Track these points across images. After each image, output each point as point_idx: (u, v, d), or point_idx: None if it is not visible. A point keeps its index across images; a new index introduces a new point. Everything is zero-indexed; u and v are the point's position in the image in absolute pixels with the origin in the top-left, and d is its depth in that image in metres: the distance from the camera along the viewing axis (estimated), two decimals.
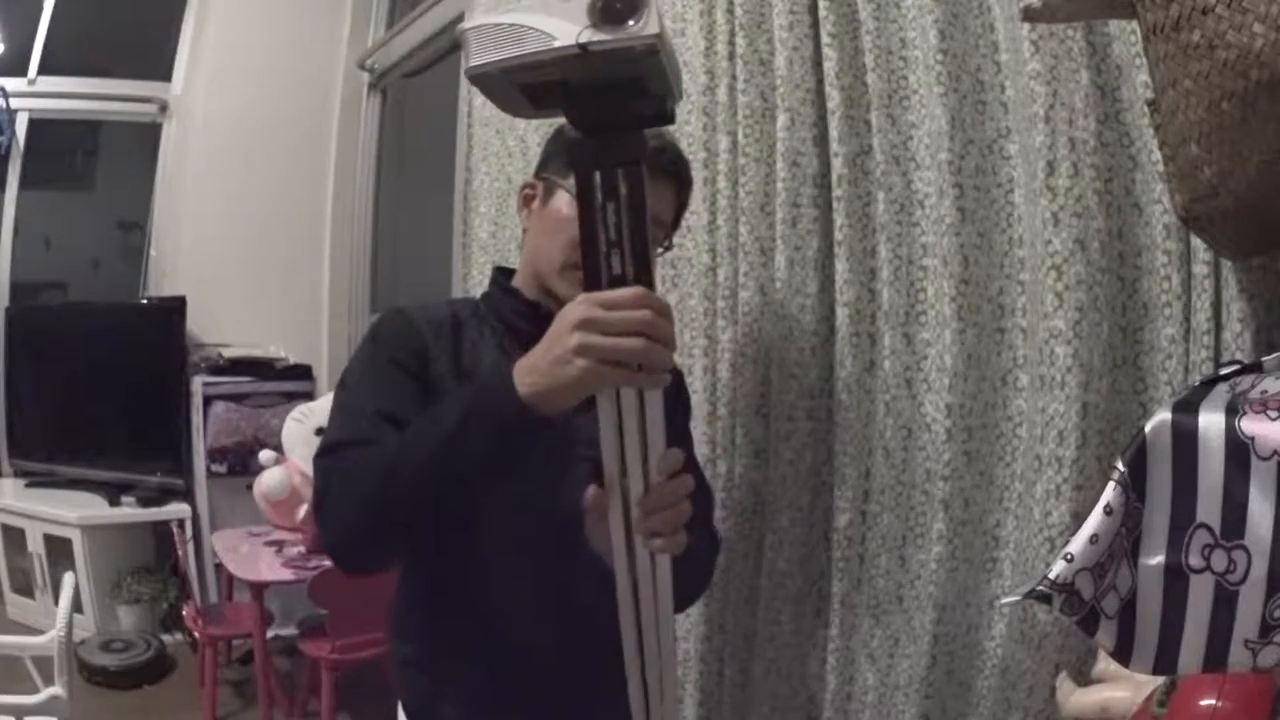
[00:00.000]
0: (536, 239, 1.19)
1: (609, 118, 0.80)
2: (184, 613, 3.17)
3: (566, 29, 0.75)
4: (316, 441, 3.24)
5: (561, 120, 0.88)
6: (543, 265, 1.15)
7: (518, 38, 0.78)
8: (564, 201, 1.13)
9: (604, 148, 0.81)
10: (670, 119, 0.85)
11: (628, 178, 0.80)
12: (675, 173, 1.20)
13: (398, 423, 1.01)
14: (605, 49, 0.75)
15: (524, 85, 0.81)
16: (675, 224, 1.26)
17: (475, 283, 2.35)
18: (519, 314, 1.16)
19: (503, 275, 1.25)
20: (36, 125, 4.00)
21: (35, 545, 3.49)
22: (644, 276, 0.82)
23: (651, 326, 0.82)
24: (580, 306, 0.83)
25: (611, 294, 0.82)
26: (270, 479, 3.18)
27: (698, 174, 1.59)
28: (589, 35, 0.75)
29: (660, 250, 1.24)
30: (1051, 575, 0.65)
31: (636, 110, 0.81)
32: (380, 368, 1.10)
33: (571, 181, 1.09)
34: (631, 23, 0.74)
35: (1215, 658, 0.64)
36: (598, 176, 0.80)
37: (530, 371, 0.87)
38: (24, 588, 3.59)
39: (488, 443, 0.90)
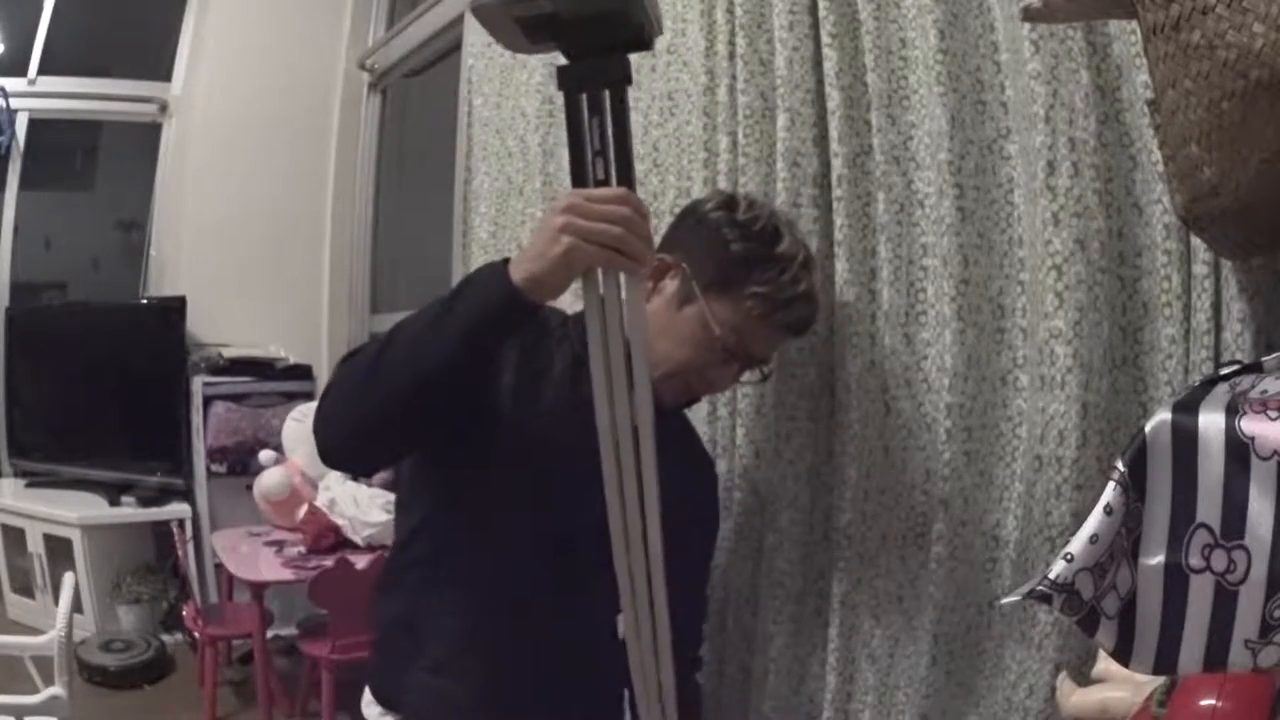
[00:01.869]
0: (662, 325, 1.20)
1: (594, 43, 0.88)
2: (184, 613, 3.17)
3: None
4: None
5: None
6: (660, 352, 1.17)
7: None
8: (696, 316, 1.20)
9: (590, 70, 0.88)
10: (649, 45, 0.91)
11: (612, 96, 0.88)
12: (802, 333, 1.28)
13: None
14: None
15: (520, 19, 0.88)
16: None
17: None
18: None
19: None
20: (36, 125, 4.00)
21: (35, 545, 3.48)
22: (626, 181, 0.90)
23: (629, 221, 0.88)
24: (566, 199, 0.90)
25: (596, 191, 0.89)
26: (270, 479, 3.18)
27: (698, 174, 1.60)
28: None
29: (759, 379, 1.31)
30: (1051, 575, 0.65)
31: (619, 37, 0.88)
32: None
33: (711, 306, 1.19)
34: None
35: (1215, 658, 0.64)
36: (584, 97, 0.88)
37: (522, 260, 0.94)
38: (24, 588, 3.59)
39: (475, 317, 0.96)
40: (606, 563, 0.92)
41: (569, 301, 1.15)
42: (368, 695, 1.22)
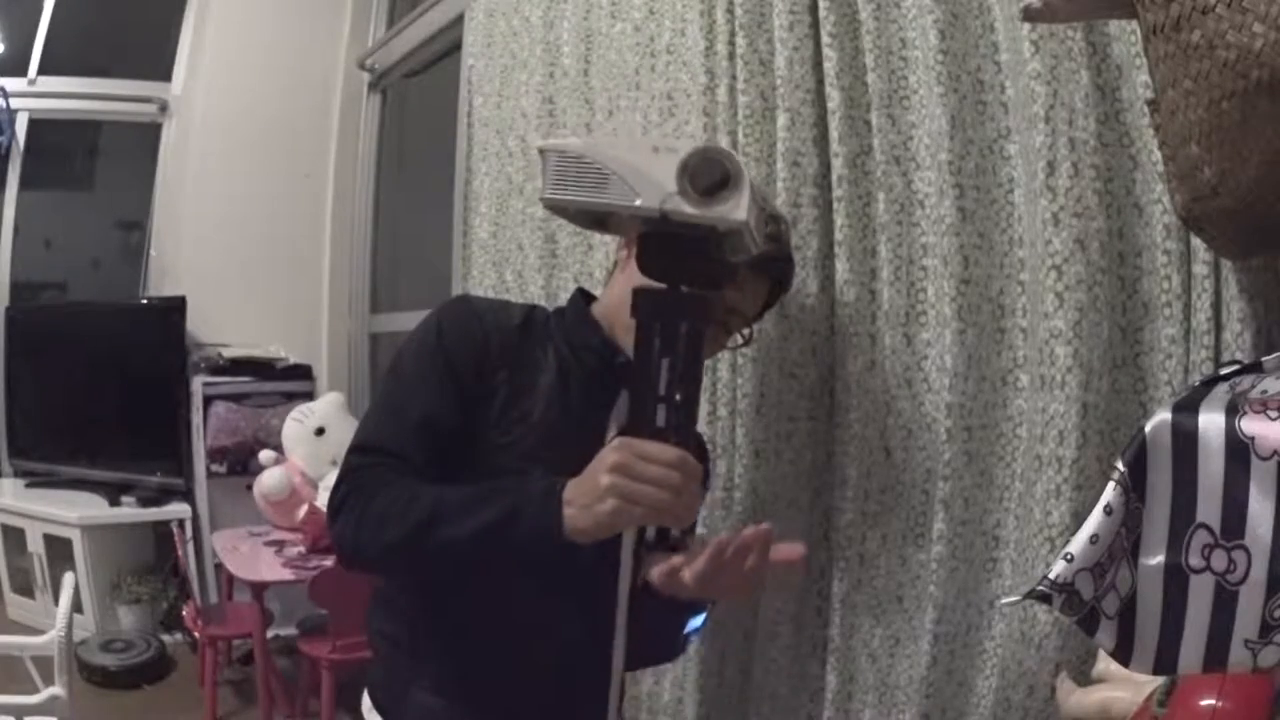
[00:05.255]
0: (626, 285, 1.16)
1: (681, 273, 0.79)
2: (184, 613, 3.17)
3: (652, 190, 0.73)
4: (316, 441, 3.27)
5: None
6: (623, 312, 1.14)
7: (601, 181, 0.76)
8: None
9: (672, 301, 0.79)
10: (735, 277, 0.84)
11: (689, 336, 0.79)
12: (778, 279, 1.23)
13: (438, 432, 1.04)
14: (687, 221, 0.73)
15: (598, 216, 0.81)
16: (758, 317, 1.28)
17: (475, 282, 2.35)
18: (590, 349, 1.12)
19: (583, 298, 1.20)
20: (36, 125, 4.00)
21: (35, 545, 3.48)
22: (686, 436, 0.83)
23: (678, 490, 0.83)
24: (618, 451, 0.85)
25: (650, 448, 0.83)
26: (270, 479, 3.18)
27: None
28: (674, 204, 0.73)
29: (740, 344, 1.27)
30: (1051, 575, 0.65)
31: (710, 271, 0.79)
32: (434, 364, 1.08)
33: None
34: (721, 202, 0.72)
35: (1215, 658, 0.64)
36: (658, 326, 0.79)
37: (569, 503, 0.90)
38: (24, 588, 3.59)
39: (516, 553, 0.95)
40: (604, 580, 0.92)
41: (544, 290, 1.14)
42: (367, 701, 1.21)
